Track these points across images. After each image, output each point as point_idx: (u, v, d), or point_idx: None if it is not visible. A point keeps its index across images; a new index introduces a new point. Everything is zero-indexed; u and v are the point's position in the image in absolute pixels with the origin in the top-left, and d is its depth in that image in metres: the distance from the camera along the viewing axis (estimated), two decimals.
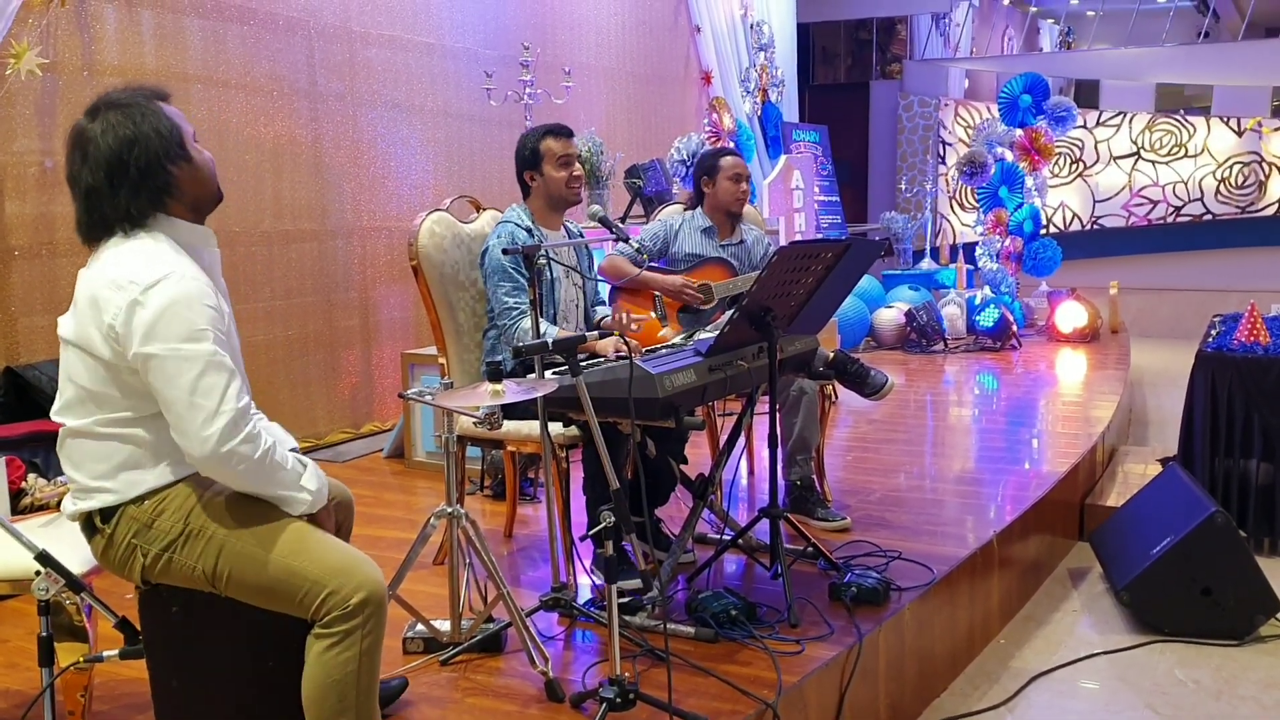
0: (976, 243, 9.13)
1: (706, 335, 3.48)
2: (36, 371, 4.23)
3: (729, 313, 3.33)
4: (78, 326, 2.12)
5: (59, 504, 3.26)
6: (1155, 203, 11.34)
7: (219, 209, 2.33)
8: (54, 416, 2.20)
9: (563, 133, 3.70)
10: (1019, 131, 8.93)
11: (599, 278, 4.19)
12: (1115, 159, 11.48)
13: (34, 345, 4.36)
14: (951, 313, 8.41)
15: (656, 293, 4.23)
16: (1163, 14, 13.20)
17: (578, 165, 3.73)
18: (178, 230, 2.18)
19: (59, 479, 3.73)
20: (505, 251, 3.49)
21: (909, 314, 8.19)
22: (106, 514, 2.16)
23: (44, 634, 2.24)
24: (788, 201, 8.67)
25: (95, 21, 4.57)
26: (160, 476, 2.16)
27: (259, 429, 2.13)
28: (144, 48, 4.78)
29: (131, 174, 2.12)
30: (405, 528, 4.13)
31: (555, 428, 3.37)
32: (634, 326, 3.77)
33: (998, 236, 8.84)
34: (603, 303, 4.11)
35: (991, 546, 3.87)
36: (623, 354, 3.20)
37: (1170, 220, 11.31)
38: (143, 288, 2.04)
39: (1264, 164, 10.91)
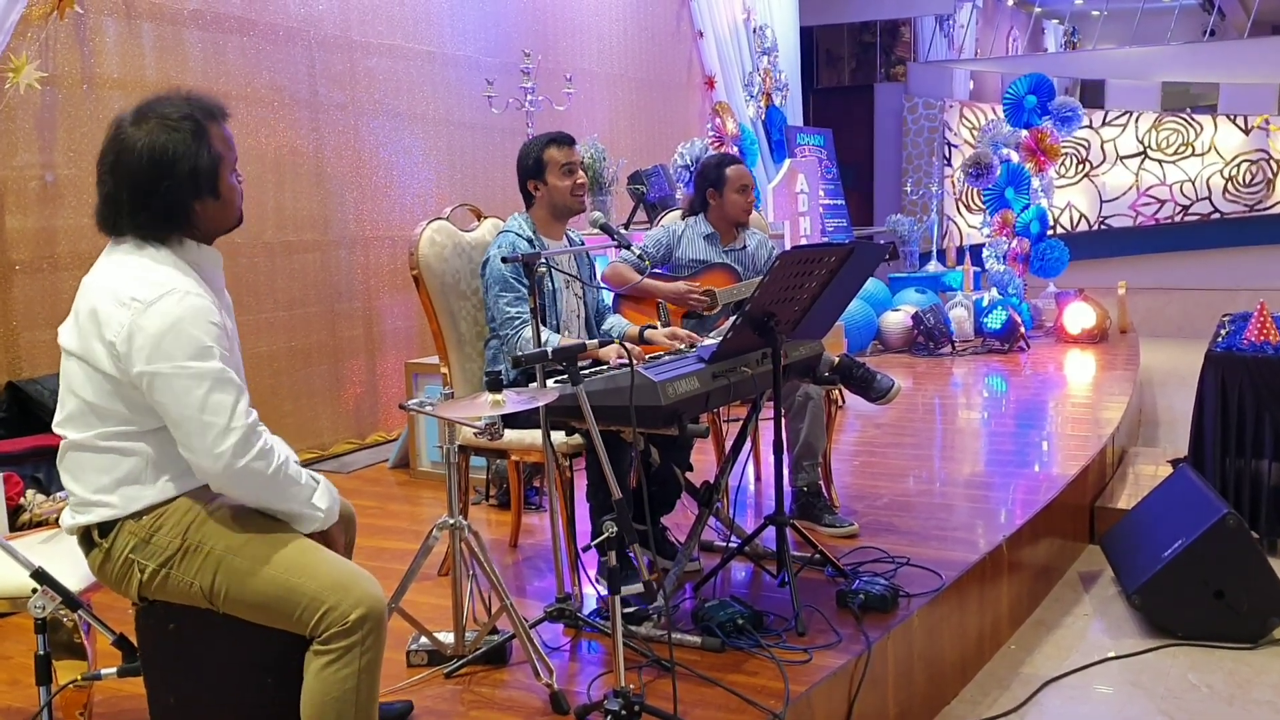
0: (983, 244, 9.09)
1: (710, 341, 3.46)
2: (38, 386, 4.21)
3: (732, 318, 3.30)
4: (80, 338, 2.11)
5: (58, 520, 3.25)
6: (1163, 202, 11.29)
7: None
8: (56, 429, 2.19)
9: (565, 141, 3.68)
10: (1024, 132, 8.90)
11: (602, 285, 4.16)
12: (1122, 159, 11.43)
13: (36, 360, 4.35)
14: (959, 315, 8.37)
15: (660, 300, 4.21)
16: (1168, 13, 13.15)
17: (581, 173, 3.71)
18: (186, 250, 2.18)
19: (58, 494, 3.71)
20: (505, 260, 3.46)
21: (916, 317, 8.15)
22: (105, 528, 2.15)
23: (41, 652, 2.23)
24: (792, 205, 8.64)
25: (94, 34, 4.57)
26: (160, 492, 2.14)
27: (271, 444, 2.13)
28: (144, 60, 4.78)
29: (154, 202, 2.11)
30: (410, 539, 4.11)
31: (558, 437, 3.35)
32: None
33: (1004, 238, 8.80)
34: (609, 310, 4.08)
35: (1001, 551, 3.84)
36: (625, 361, 3.17)
37: (1178, 219, 11.26)
38: (145, 305, 2.04)
39: (1271, 162, 10.86)
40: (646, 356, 3.31)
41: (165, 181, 2.10)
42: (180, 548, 2.12)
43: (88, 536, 2.18)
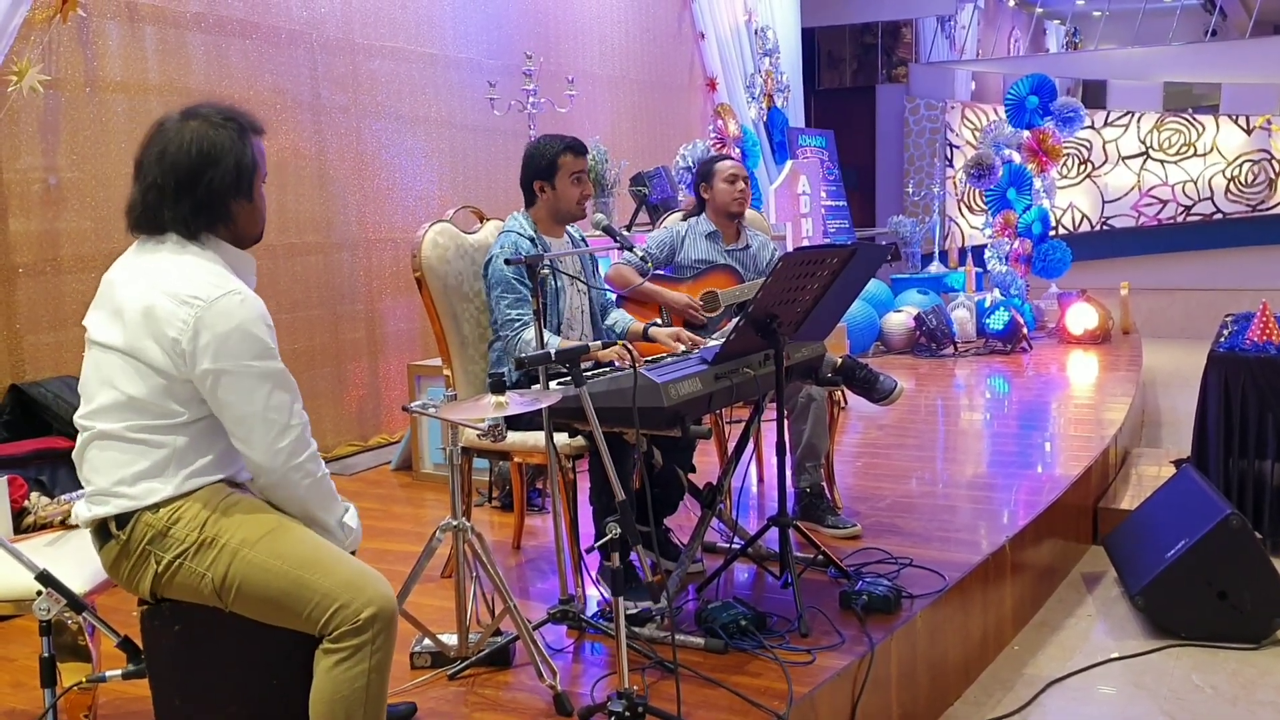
0: (985, 245, 9.09)
1: (713, 343, 3.46)
2: (42, 389, 4.21)
3: (735, 320, 3.31)
4: (128, 335, 2.12)
5: (62, 522, 3.25)
6: (1165, 202, 11.28)
7: None
8: (80, 420, 2.19)
9: (581, 150, 3.69)
10: (1026, 133, 8.90)
11: (605, 288, 4.17)
12: (1124, 159, 11.42)
13: (40, 362, 4.36)
14: (961, 316, 8.37)
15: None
16: (1169, 13, 13.14)
17: (589, 185, 3.72)
18: (225, 251, 2.22)
19: (62, 497, 3.72)
20: (508, 262, 3.47)
21: (918, 318, 8.15)
22: (122, 520, 2.15)
23: (46, 654, 2.23)
24: (794, 207, 8.65)
25: (97, 37, 4.57)
26: (178, 486, 2.15)
27: (317, 451, 2.20)
28: (147, 63, 4.78)
29: (199, 192, 2.16)
30: (413, 540, 4.11)
31: (561, 438, 3.35)
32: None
33: (1006, 239, 8.80)
34: (613, 305, 4.08)
35: (1004, 552, 3.84)
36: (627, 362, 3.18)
37: (1180, 220, 11.25)
38: (207, 303, 2.08)
39: (1274, 162, 10.84)
40: (646, 360, 3.31)
41: (209, 173, 2.16)
42: (197, 540, 2.13)
43: (103, 529, 2.18)
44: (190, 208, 2.16)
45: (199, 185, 2.16)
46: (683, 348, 3.56)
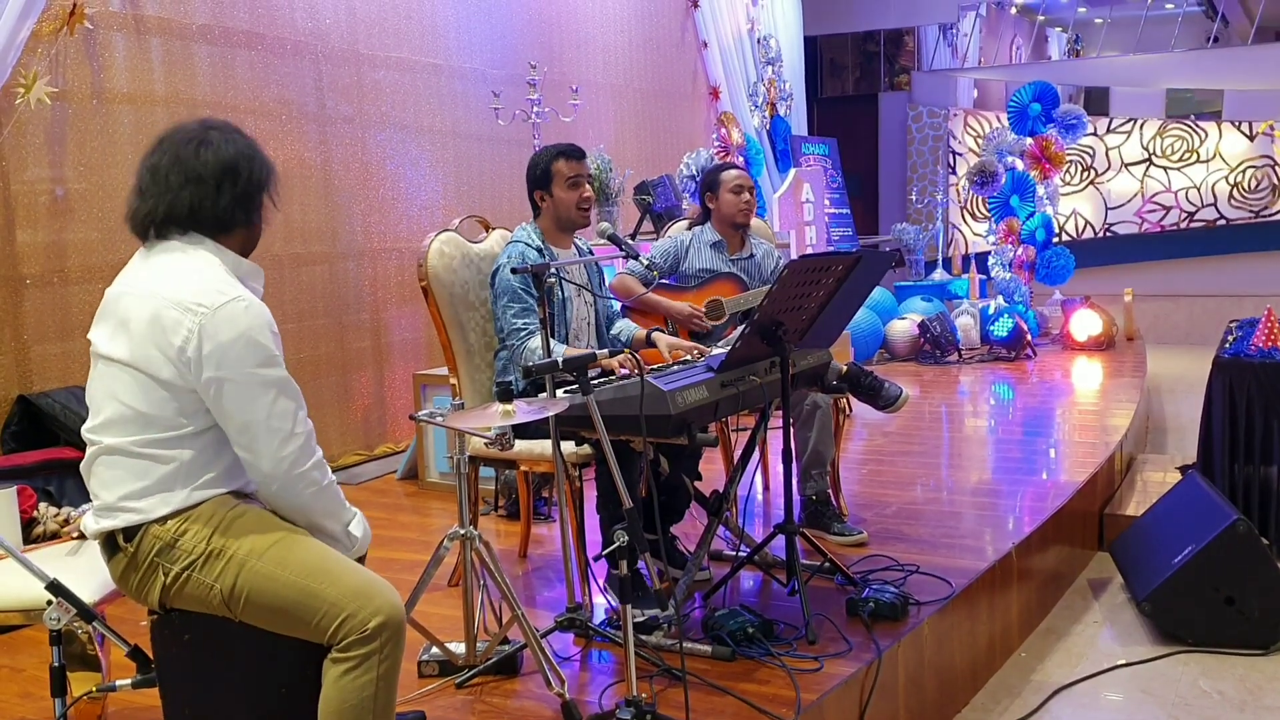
0: (989, 252, 9.10)
1: (718, 351, 3.47)
2: (49, 399, 4.23)
3: (740, 328, 3.31)
4: (133, 346, 2.13)
5: (71, 532, 3.27)
6: (1168, 209, 11.28)
7: None
8: (87, 434, 2.20)
9: (574, 154, 3.69)
10: (1029, 140, 8.91)
11: (610, 296, 4.18)
12: (1127, 166, 11.43)
13: (47, 373, 4.37)
14: (965, 323, 8.37)
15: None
16: (1171, 20, 13.15)
17: (588, 187, 3.72)
18: (233, 261, 2.24)
19: (69, 510, 3.73)
20: (515, 271, 3.48)
21: (922, 325, 8.15)
22: (130, 533, 2.16)
23: (56, 664, 2.23)
24: (798, 215, 8.66)
25: (104, 49, 4.59)
26: (186, 498, 2.16)
27: (323, 459, 2.20)
28: (153, 74, 4.80)
29: (241, 184, 2.22)
30: (420, 549, 4.11)
31: (568, 446, 3.35)
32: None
33: (1010, 246, 8.81)
34: (618, 315, 4.08)
35: (1010, 558, 3.84)
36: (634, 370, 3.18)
37: (1184, 226, 11.25)
38: (211, 310, 2.09)
39: (1277, 168, 10.85)
40: (652, 367, 3.31)
41: (253, 165, 2.24)
42: (205, 551, 2.13)
43: (111, 541, 2.19)
44: (232, 199, 2.21)
45: (240, 177, 2.21)
46: (688, 356, 3.56)
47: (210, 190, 2.18)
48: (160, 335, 2.10)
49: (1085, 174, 11.57)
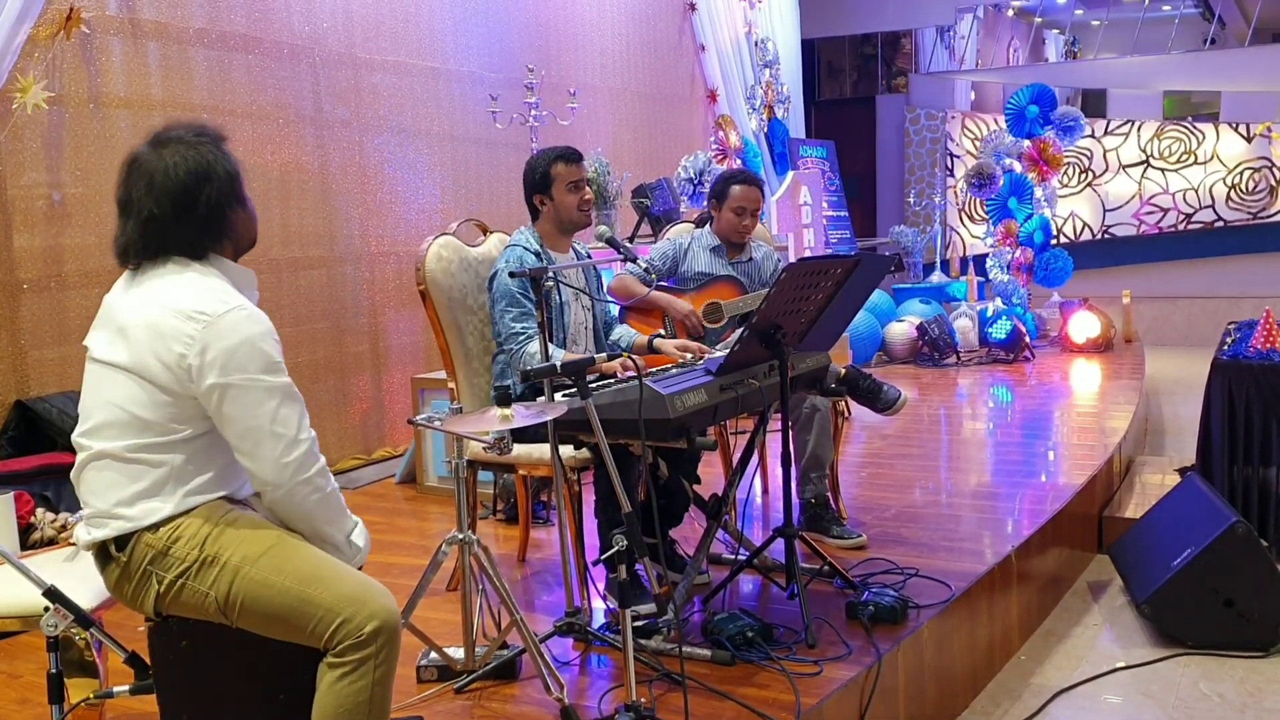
0: (987, 255, 9.10)
1: (717, 354, 3.46)
2: (46, 404, 4.22)
3: (739, 331, 3.31)
4: (131, 353, 2.12)
5: (69, 538, 3.26)
6: (1166, 210, 11.29)
7: None
8: (79, 439, 2.19)
9: (573, 157, 3.69)
10: (1027, 142, 8.91)
11: (609, 299, 4.17)
12: (1124, 167, 11.44)
13: (44, 378, 4.36)
14: (963, 325, 8.37)
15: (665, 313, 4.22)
16: (1168, 22, 13.17)
17: (588, 189, 3.72)
18: (225, 268, 2.23)
19: (67, 516, 3.72)
20: (513, 274, 3.47)
21: (920, 328, 8.15)
22: (121, 542, 2.15)
23: (54, 670, 2.23)
24: (796, 218, 8.66)
25: (101, 54, 4.59)
26: (178, 505, 2.15)
27: (327, 467, 2.20)
28: (150, 79, 4.80)
29: (199, 210, 2.17)
30: (418, 554, 4.11)
31: (566, 450, 3.35)
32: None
33: (1008, 248, 8.81)
34: (617, 321, 4.08)
35: (1010, 561, 3.83)
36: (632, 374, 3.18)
37: (1181, 228, 11.26)
38: (213, 318, 2.09)
39: (1274, 169, 10.86)
40: (650, 371, 3.31)
41: (206, 190, 2.17)
42: (198, 559, 2.12)
43: (104, 551, 2.18)
44: (195, 228, 2.17)
45: (198, 204, 2.16)
46: (690, 356, 3.56)
47: (169, 224, 2.15)
48: (159, 343, 2.09)
49: (1083, 176, 11.58)
